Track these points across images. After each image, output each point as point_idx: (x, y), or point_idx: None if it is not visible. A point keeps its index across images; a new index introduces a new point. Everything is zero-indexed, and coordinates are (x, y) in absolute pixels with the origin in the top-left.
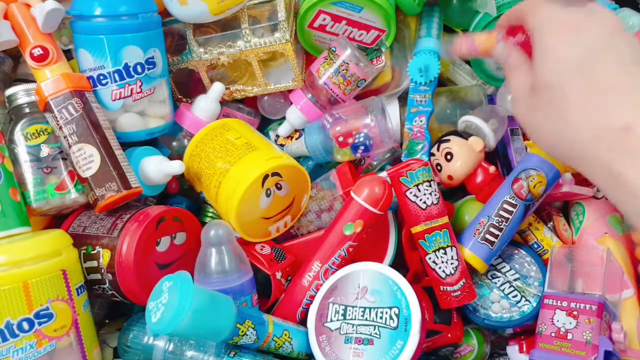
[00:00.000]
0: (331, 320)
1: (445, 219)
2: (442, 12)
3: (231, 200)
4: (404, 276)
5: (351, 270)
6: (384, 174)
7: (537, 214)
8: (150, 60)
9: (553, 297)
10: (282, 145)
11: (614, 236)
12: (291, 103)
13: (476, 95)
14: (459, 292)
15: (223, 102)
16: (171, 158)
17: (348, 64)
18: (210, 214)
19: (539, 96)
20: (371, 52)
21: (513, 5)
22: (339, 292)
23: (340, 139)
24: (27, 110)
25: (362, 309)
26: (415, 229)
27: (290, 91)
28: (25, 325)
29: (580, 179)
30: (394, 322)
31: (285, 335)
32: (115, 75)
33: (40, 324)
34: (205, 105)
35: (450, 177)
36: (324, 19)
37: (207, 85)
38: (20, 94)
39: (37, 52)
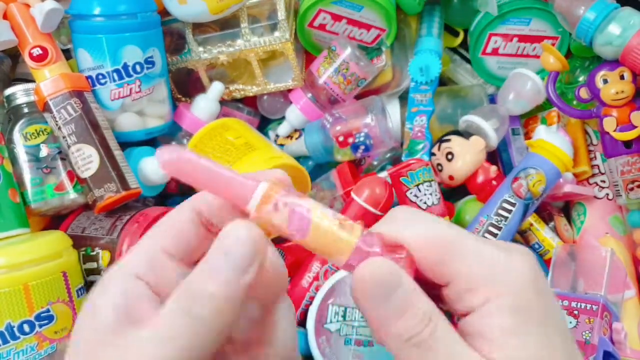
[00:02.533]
0: (331, 322)
1: (445, 220)
2: (443, 11)
3: None
4: None
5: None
6: (384, 174)
7: (538, 214)
8: (149, 59)
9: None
10: (281, 145)
11: (615, 236)
12: (291, 102)
13: (477, 94)
14: None
15: (222, 102)
16: None
17: (348, 63)
18: None
19: None
20: (371, 51)
21: (515, 5)
22: (338, 293)
23: (341, 138)
24: (26, 110)
25: None
26: None
27: (290, 90)
28: (26, 328)
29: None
30: None
31: None
32: (114, 74)
33: (40, 326)
34: (204, 104)
35: (451, 178)
36: (324, 18)
37: (206, 84)
38: (19, 93)
39: (36, 52)
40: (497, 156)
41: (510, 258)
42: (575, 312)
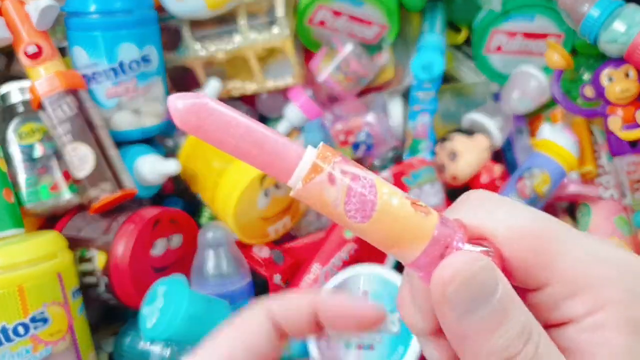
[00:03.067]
0: None
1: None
2: (446, 8)
3: (228, 201)
4: None
5: (352, 274)
6: (386, 173)
7: None
8: (145, 57)
9: None
10: None
11: (620, 237)
12: (290, 101)
13: (481, 92)
14: None
15: (220, 100)
16: (167, 157)
17: (349, 60)
18: (207, 216)
19: None
20: (373, 48)
21: (519, 2)
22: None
23: (341, 137)
24: (20, 109)
25: None
26: None
27: (289, 88)
28: (21, 330)
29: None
30: (395, 327)
31: None
32: (110, 72)
33: (35, 328)
34: None
35: (454, 177)
36: (324, 15)
37: (203, 82)
38: (14, 92)
39: (32, 49)
40: (502, 155)
41: (625, 257)
42: None
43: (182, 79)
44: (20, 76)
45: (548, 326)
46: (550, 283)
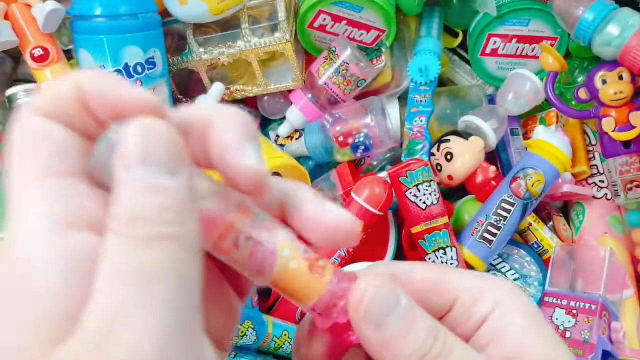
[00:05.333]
0: None
1: (445, 219)
2: (442, 12)
3: None
4: None
5: (350, 271)
6: (384, 174)
7: (537, 214)
8: (150, 60)
9: (553, 295)
10: (282, 145)
11: (614, 236)
12: (291, 103)
13: (476, 95)
14: None
15: (223, 102)
16: None
17: (348, 63)
18: None
19: None
20: (371, 52)
21: (514, 6)
22: None
23: (340, 138)
24: None
25: None
26: (415, 229)
27: (290, 91)
28: None
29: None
30: None
31: (285, 335)
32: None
33: None
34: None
35: (450, 177)
36: (324, 19)
37: (207, 85)
38: (20, 94)
39: (38, 52)
40: (496, 156)
41: (494, 276)
42: (574, 311)
43: (186, 82)
44: (27, 79)
45: (471, 336)
46: (459, 295)
